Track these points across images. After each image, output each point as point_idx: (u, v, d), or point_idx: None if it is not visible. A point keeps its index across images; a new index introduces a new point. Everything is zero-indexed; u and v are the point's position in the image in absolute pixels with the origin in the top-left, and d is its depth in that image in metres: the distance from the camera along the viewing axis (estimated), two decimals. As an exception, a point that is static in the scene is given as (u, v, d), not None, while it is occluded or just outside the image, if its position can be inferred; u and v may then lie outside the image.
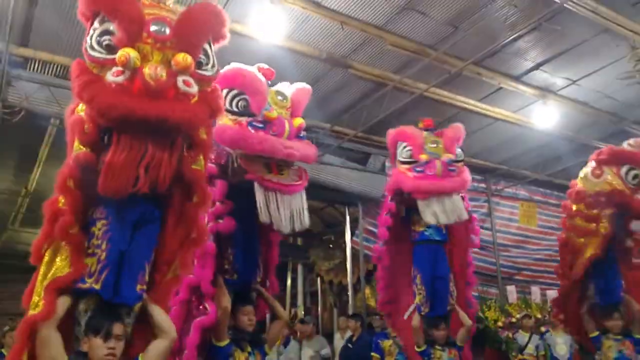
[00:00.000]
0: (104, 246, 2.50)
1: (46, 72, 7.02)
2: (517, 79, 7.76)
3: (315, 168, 8.01)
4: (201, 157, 2.69)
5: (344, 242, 10.33)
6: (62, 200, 2.47)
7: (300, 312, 12.85)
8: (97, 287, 2.45)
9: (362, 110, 8.12)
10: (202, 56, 2.51)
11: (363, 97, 8.10)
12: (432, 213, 4.67)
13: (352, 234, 10.05)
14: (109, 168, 2.29)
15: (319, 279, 13.73)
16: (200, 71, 2.47)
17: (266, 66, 3.72)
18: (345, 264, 10.44)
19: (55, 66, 6.90)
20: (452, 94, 8.11)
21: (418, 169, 4.71)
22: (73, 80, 2.32)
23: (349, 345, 7.59)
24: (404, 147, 4.86)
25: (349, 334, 7.98)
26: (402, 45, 6.83)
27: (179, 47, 2.36)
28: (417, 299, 4.99)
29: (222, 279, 3.56)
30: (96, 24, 2.41)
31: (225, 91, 3.34)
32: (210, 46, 2.60)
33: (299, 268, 13.94)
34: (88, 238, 2.50)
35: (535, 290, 10.47)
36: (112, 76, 2.27)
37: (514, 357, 7.58)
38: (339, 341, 8.63)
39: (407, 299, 5.15)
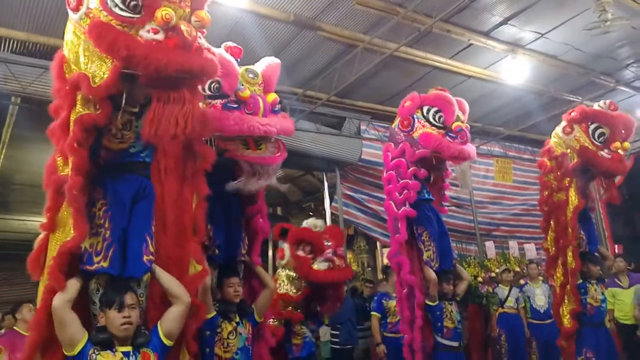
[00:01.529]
0: (107, 224, 2.62)
1: (3, 48, 6.83)
2: (487, 34, 7.77)
3: (290, 135, 7.97)
4: None
5: (324, 209, 10.37)
6: (66, 169, 2.56)
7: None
8: (105, 264, 2.58)
9: (334, 73, 8.07)
10: None
11: (333, 60, 8.05)
12: (468, 178, 5.16)
13: (331, 199, 10.08)
14: (154, 118, 2.42)
15: (300, 247, 13.81)
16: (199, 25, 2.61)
17: (233, 44, 3.69)
18: (326, 230, 10.49)
19: (13, 42, 6.70)
20: (423, 53, 8.09)
21: (452, 134, 4.88)
22: (99, 39, 2.34)
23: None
24: (436, 111, 4.98)
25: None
26: (371, 4, 6.78)
27: (193, 4, 2.51)
28: (426, 255, 5.08)
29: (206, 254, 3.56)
30: None
31: None
32: None
33: (280, 238, 13.99)
34: (90, 218, 2.59)
35: (513, 244, 10.66)
36: (148, 33, 2.37)
37: (495, 310, 7.73)
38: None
39: (411, 254, 5.22)
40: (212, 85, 3.45)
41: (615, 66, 9.32)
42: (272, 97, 3.57)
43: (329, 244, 5.09)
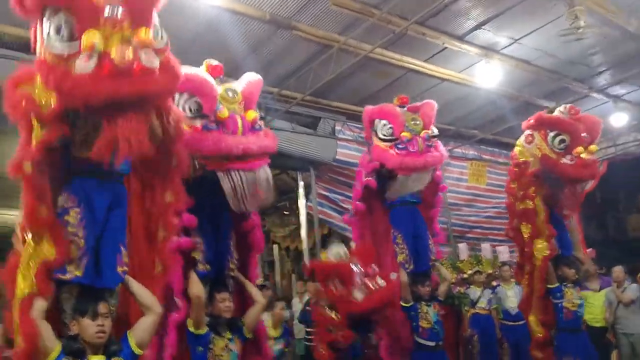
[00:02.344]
0: (80, 233, 2.60)
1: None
2: (461, 38, 7.83)
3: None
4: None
5: (298, 208, 10.36)
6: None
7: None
8: (79, 273, 2.57)
9: (309, 73, 8.07)
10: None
11: (309, 60, 8.04)
12: (413, 186, 5.01)
13: (306, 199, 10.08)
14: (104, 143, 2.35)
15: (276, 246, 13.78)
16: (155, 45, 2.45)
17: (215, 62, 3.67)
18: (300, 230, 10.49)
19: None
20: (398, 55, 8.12)
21: (400, 146, 4.86)
22: (46, 79, 2.32)
23: (308, 308, 7.69)
24: (384, 124, 5.00)
25: (306, 298, 8.06)
26: (346, 5, 6.77)
27: (135, 23, 2.35)
28: (400, 257, 5.13)
29: (195, 272, 3.59)
30: (47, 19, 2.36)
31: (176, 96, 3.35)
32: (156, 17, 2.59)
33: (255, 236, 13.94)
34: (64, 227, 2.58)
35: (485, 246, 10.79)
36: (81, 64, 2.25)
37: (467, 311, 7.79)
38: (297, 305, 8.71)
39: (387, 259, 5.27)
40: (191, 106, 3.41)
41: (588, 73, 9.47)
42: (252, 115, 3.51)
43: (356, 268, 4.74)
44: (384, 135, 4.97)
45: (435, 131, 5.11)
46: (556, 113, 5.40)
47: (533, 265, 5.35)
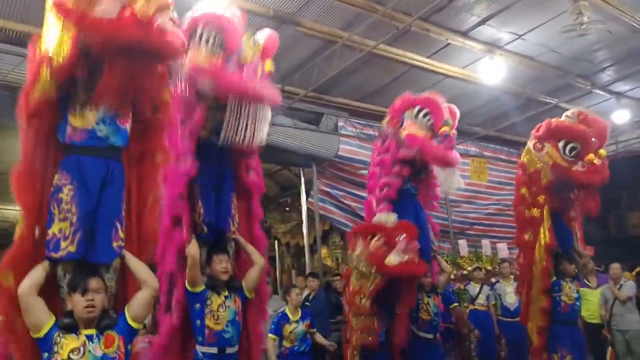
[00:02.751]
0: (73, 209, 2.66)
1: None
2: (465, 34, 7.81)
3: (267, 130, 7.95)
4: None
5: (300, 204, 10.37)
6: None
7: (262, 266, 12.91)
8: (72, 249, 2.64)
9: (313, 69, 8.05)
10: None
11: (313, 56, 8.02)
12: (455, 181, 5.19)
13: (308, 195, 10.08)
14: (106, 85, 2.52)
15: (276, 242, 13.80)
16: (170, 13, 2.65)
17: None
18: (302, 226, 10.50)
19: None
20: (402, 51, 8.10)
21: (439, 139, 4.96)
22: (66, 14, 2.44)
23: (307, 303, 7.70)
24: (426, 114, 5.03)
25: (306, 293, 8.07)
26: (350, 1, 6.76)
27: None
28: None
29: (194, 233, 3.73)
30: None
31: (200, 29, 3.52)
32: None
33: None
34: (57, 204, 2.67)
35: (485, 243, 10.80)
36: (106, 7, 2.40)
37: (466, 307, 7.83)
38: (297, 300, 8.71)
39: None
40: (214, 40, 3.49)
41: (591, 69, 9.43)
42: (269, 65, 3.67)
43: (400, 236, 4.87)
44: (424, 125, 4.99)
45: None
46: (564, 118, 5.32)
47: (532, 274, 5.38)
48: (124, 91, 2.52)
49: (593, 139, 5.10)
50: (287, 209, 13.14)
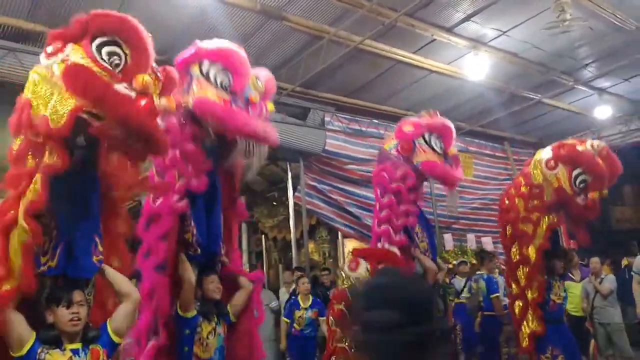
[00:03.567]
0: (52, 223, 2.61)
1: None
2: (450, 30, 7.87)
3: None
4: None
5: (287, 199, 10.40)
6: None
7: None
8: (52, 264, 2.60)
9: (300, 64, 8.10)
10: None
11: (299, 51, 8.06)
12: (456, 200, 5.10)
13: (295, 190, 10.12)
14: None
15: (263, 237, 13.83)
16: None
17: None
18: (289, 220, 10.54)
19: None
20: (388, 47, 8.16)
21: (450, 161, 4.99)
22: (76, 77, 2.43)
23: (293, 297, 7.77)
24: (437, 137, 5.02)
25: (293, 287, 8.13)
26: (336, -4, 6.82)
27: (164, 89, 2.68)
28: (422, 246, 5.17)
29: (186, 255, 3.66)
30: (100, 39, 2.53)
31: (208, 63, 3.56)
32: None
33: (243, 227, 13.97)
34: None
35: (470, 237, 10.95)
36: (124, 88, 2.47)
37: (451, 301, 7.90)
38: (284, 295, 8.77)
39: None
40: (221, 79, 3.53)
41: (574, 65, 9.54)
42: (271, 107, 3.83)
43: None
44: (437, 149, 4.97)
45: None
46: (589, 147, 5.07)
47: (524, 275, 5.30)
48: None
49: (606, 182, 5.00)
50: (274, 203, 13.16)
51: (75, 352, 2.56)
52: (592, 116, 11.56)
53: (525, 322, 5.27)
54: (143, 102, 2.44)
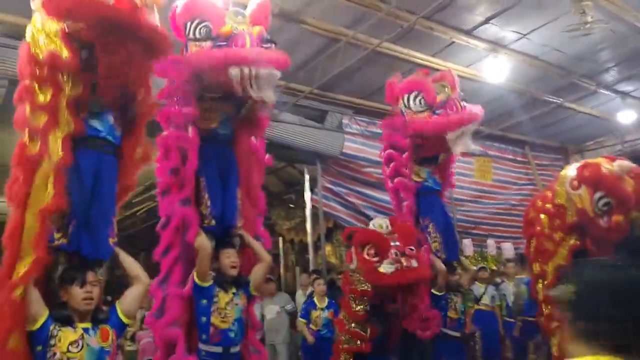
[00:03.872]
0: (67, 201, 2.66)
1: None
2: (468, 33, 7.82)
3: (272, 127, 8.01)
4: None
5: (304, 201, 10.40)
6: (34, 149, 2.66)
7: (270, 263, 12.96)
8: (65, 241, 2.66)
9: (317, 66, 8.10)
10: None
11: (317, 54, 8.06)
12: (464, 143, 5.05)
13: (312, 192, 10.12)
14: (108, 67, 2.60)
15: (280, 239, 13.84)
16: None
17: None
18: (306, 223, 10.53)
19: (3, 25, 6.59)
20: (406, 50, 8.13)
21: (438, 111, 4.95)
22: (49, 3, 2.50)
23: (311, 298, 7.77)
24: (415, 95, 5.01)
25: (310, 290, 8.12)
26: (354, -1, 6.80)
27: None
28: (433, 247, 5.16)
29: (201, 226, 3.69)
30: None
31: (188, 23, 3.64)
32: None
33: (261, 229, 14.01)
34: None
35: (490, 243, 10.80)
36: None
37: (470, 307, 7.81)
38: (300, 298, 8.78)
39: None
40: (201, 30, 3.59)
41: (596, 69, 9.41)
42: (257, 29, 3.62)
43: (397, 244, 4.68)
44: (419, 107, 4.94)
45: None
46: (617, 167, 4.86)
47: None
48: (117, 81, 2.58)
49: (633, 204, 4.78)
50: (291, 205, 13.16)
51: (85, 330, 2.63)
52: (615, 120, 11.35)
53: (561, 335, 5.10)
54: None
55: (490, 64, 8.52)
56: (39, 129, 2.59)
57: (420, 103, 4.95)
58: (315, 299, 7.22)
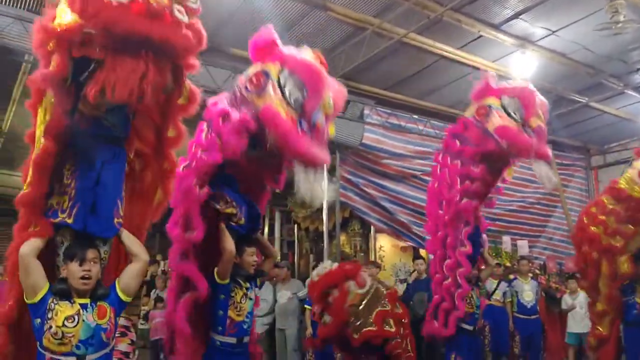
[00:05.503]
0: (72, 184, 2.78)
1: (19, 5, 6.81)
2: (497, 27, 7.72)
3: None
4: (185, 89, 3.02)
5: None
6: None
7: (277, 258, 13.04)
8: (69, 221, 2.73)
9: (341, 55, 8.05)
10: None
11: (341, 42, 8.02)
12: (550, 177, 4.79)
13: (329, 181, 10.07)
14: (100, 79, 2.45)
15: (296, 226, 13.86)
16: (189, 3, 2.61)
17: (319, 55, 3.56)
18: (322, 211, 10.52)
19: (29, 0, 6.69)
20: (432, 41, 8.04)
21: (530, 131, 4.64)
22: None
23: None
24: (517, 102, 4.72)
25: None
26: (382, -12, 6.75)
27: None
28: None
29: (227, 227, 3.74)
30: None
31: (287, 73, 3.35)
32: None
33: (277, 215, 14.05)
34: (59, 178, 2.78)
35: (506, 239, 10.72)
36: None
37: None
38: (313, 285, 8.78)
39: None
40: (294, 94, 3.31)
41: (625, 69, 9.27)
42: (332, 130, 3.59)
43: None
44: (514, 116, 4.67)
45: None
46: None
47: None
48: (127, 86, 2.43)
49: None
50: (308, 194, 13.14)
51: (83, 306, 2.67)
52: (641, 123, 11.19)
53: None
54: (135, 5, 2.35)
55: (517, 60, 8.41)
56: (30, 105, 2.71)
57: (516, 114, 4.70)
58: None
